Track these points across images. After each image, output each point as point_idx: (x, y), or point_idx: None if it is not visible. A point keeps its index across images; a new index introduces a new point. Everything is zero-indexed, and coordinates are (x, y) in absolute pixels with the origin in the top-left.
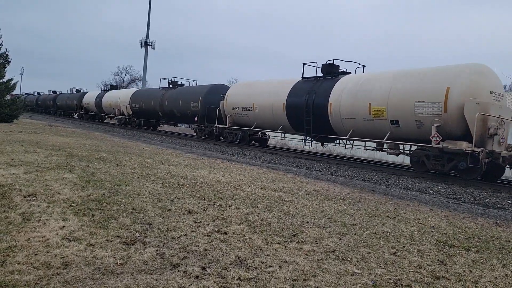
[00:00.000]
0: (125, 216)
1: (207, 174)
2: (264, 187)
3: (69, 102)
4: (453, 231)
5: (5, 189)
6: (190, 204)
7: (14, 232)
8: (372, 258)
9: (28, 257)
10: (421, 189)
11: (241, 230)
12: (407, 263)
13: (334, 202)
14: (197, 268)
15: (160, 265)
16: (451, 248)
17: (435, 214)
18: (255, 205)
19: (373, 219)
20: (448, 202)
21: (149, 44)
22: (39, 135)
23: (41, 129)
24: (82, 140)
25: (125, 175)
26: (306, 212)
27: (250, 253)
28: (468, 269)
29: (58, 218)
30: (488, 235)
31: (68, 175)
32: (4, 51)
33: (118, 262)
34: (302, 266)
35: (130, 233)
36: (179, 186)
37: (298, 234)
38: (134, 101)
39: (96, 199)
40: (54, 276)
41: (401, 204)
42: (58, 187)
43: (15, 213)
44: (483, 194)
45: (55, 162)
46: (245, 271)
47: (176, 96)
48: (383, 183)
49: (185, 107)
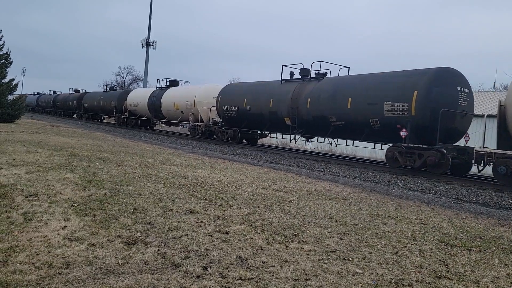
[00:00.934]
0: (127, 216)
1: (209, 174)
2: (265, 187)
3: (102, 103)
4: (454, 231)
5: (7, 189)
6: (191, 204)
7: (16, 232)
8: (373, 258)
9: (29, 257)
10: (422, 189)
11: (243, 230)
12: (409, 263)
13: (336, 202)
14: (198, 268)
15: (161, 265)
16: (452, 248)
17: (436, 213)
18: (256, 205)
19: (375, 219)
20: (449, 202)
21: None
22: (41, 135)
23: (42, 129)
24: (84, 140)
25: (127, 175)
26: (307, 212)
27: (251, 253)
28: (469, 269)
29: (60, 218)
30: (490, 235)
31: (69, 175)
32: (6, 52)
33: (119, 262)
34: (303, 266)
35: (132, 233)
36: (180, 186)
37: (299, 234)
38: (226, 101)
39: (98, 199)
40: (56, 276)
41: (402, 204)
42: (59, 187)
43: (17, 213)
44: (485, 194)
45: (57, 162)
46: (246, 271)
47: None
48: (384, 183)
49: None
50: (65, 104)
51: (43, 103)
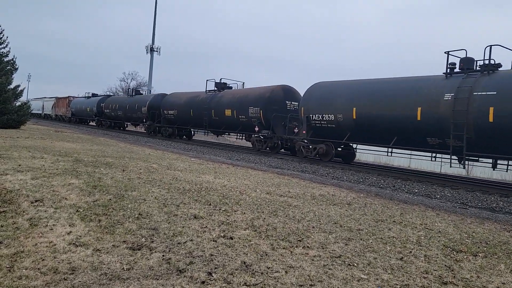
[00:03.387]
0: (131, 221)
1: (213, 179)
2: (269, 192)
3: (129, 107)
4: (460, 236)
5: (12, 195)
6: (195, 209)
7: (22, 237)
8: (378, 263)
9: (35, 262)
10: (427, 194)
11: (247, 235)
12: (414, 269)
13: (340, 207)
14: (203, 273)
15: (166, 271)
16: (458, 253)
17: (441, 218)
18: (260, 210)
19: (379, 224)
20: (454, 207)
21: (154, 50)
22: (46, 140)
23: (47, 134)
24: (88, 146)
25: (131, 180)
26: (311, 217)
27: (256, 258)
28: (475, 275)
29: (65, 223)
30: (496, 240)
31: (74, 181)
32: (12, 58)
33: (124, 267)
34: (308, 272)
35: (136, 238)
36: (184, 191)
37: (304, 239)
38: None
39: (103, 205)
40: (61, 281)
41: (407, 209)
42: (64, 192)
43: (23, 218)
44: (490, 199)
45: (62, 168)
46: (251, 276)
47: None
48: (389, 187)
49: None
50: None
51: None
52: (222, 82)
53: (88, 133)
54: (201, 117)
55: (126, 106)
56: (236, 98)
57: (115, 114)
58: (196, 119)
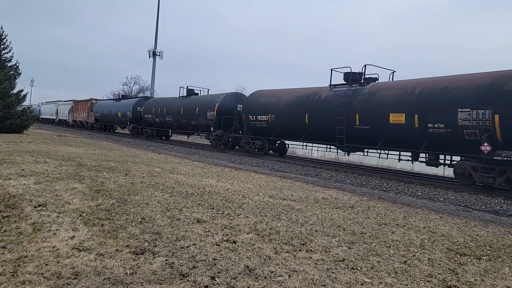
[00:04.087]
0: (134, 225)
1: (215, 182)
2: (272, 196)
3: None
4: (464, 239)
5: (15, 200)
6: (198, 213)
7: (25, 242)
8: (382, 267)
9: (38, 267)
10: (430, 197)
11: (250, 239)
12: (418, 272)
13: (343, 210)
14: (206, 278)
15: (169, 275)
16: (462, 256)
17: (445, 222)
18: (263, 214)
19: (383, 227)
20: (458, 210)
21: (157, 54)
22: (49, 145)
23: (50, 139)
24: (91, 150)
25: (134, 185)
26: (315, 221)
27: (259, 262)
28: (479, 278)
29: (68, 228)
30: (500, 243)
31: (77, 185)
32: (15, 63)
33: (127, 272)
34: (311, 275)
35: (139, 243)
36: (187, 195)
37: (307, 243)
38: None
39: (106, 209)
40: (65, 286)
41: (410, 212)
42: (68, 197)
43: (26, 223)
44: (494, 202)
45: (65, 172)
46: (254, 281)
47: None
48: (392, 190)
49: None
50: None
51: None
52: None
53: (90, 137)
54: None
55: (179, 110)
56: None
57: (161, 120)
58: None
